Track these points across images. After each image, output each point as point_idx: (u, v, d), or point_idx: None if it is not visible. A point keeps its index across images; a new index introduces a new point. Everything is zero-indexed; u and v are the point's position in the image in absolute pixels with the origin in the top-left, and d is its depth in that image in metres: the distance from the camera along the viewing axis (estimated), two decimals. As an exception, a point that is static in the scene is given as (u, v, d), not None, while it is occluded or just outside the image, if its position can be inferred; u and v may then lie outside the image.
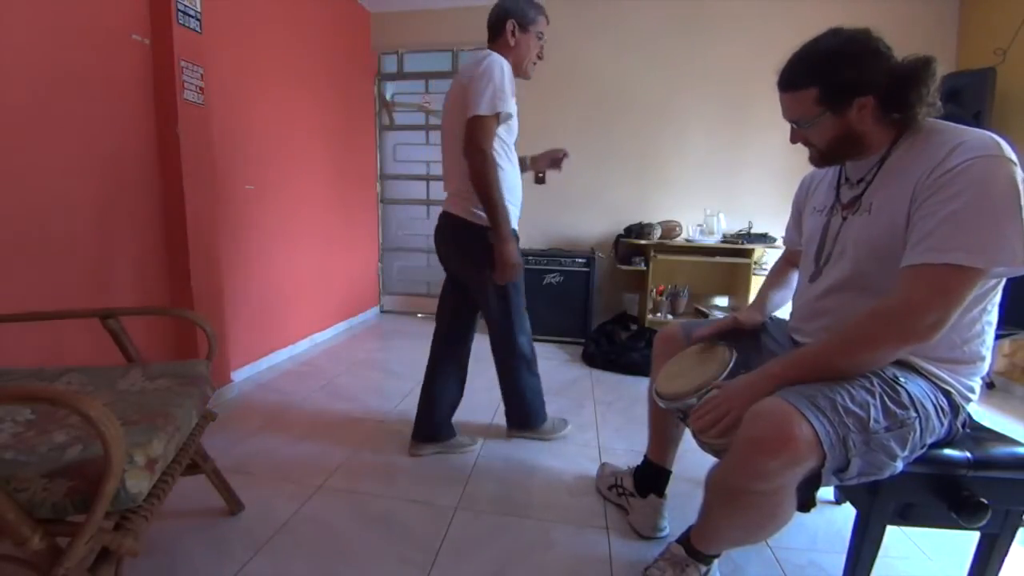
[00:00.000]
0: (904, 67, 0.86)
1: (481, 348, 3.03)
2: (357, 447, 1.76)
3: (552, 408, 2.14)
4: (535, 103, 3.44)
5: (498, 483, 1.57)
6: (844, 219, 0.99)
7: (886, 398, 0.84)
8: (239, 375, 2.35)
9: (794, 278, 1.31)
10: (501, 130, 1.49)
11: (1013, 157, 0.79)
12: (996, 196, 0.77)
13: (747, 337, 1.19)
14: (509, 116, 1.48)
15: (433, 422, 1.74)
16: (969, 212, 0.78)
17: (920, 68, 0.85)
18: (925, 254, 0.80)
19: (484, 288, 1.60)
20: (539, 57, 1.61)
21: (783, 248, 1.35)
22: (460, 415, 2.11)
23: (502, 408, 2.19)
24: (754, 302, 1.32)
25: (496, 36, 1.56)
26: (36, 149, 1.48)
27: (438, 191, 3.82)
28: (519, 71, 1.57)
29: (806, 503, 0.93)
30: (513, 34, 1.54)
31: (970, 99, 2.45)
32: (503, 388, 1.81)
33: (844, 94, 0.88)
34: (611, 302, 3.52)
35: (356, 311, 3.61)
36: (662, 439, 1.35)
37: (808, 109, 0.92)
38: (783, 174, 3.17)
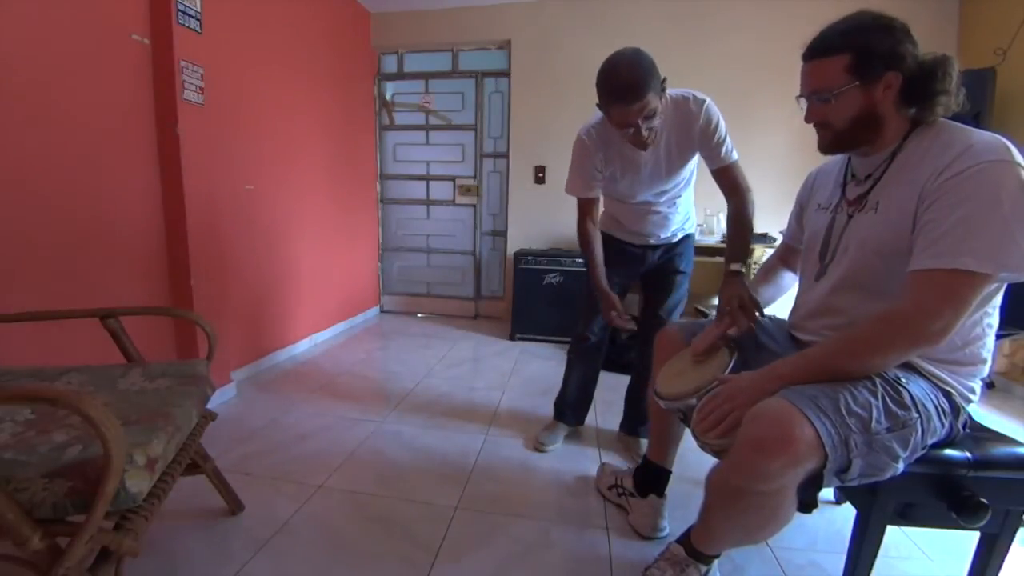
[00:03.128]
0: (927, 60, 0.87)
1: (481, 349, 3.03)
2: (357, 447, 1.76)
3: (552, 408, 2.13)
4: (534, 102, 3.44)
5: (498, 483, 1.57)
6: (850, 216, 0.99)
7: (888, 399, 0.84)
8: (239, 375, 2.35)
9: (785, 278, 1.30)
10: (604, 187, 1.57)
11: (1022, 161, 0.79)
12: (1006, 201, 0.77)
13: (746, 336, 1.19)
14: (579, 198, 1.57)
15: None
16: (979, 217, 0.77)
17: (943, 61, 0.86)
18: (934, 259, 0.80)
19: None
20: (637, 141, 1.32)
21: (782, 241, 1.32)
22: (465, 412, 2.12)
23: (502, 407, 2.21)
24: None
25: None
26: (36, 149, 1.48)
27: (438, 191, 3.83)
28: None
29: (807, 504, 0.93)
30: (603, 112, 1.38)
31: (970, 99, 2.44)
32: None
33: (876, 64, 0.87)
34: (611, 302, 3.51)
35: (356, 311, 3.61)
36: (662, 439, 1.35)
37: (836, 77, 0.89)
38: (783, 174, 3.17)
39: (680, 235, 1.70)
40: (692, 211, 1.73)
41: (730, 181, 1.45)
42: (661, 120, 1.34)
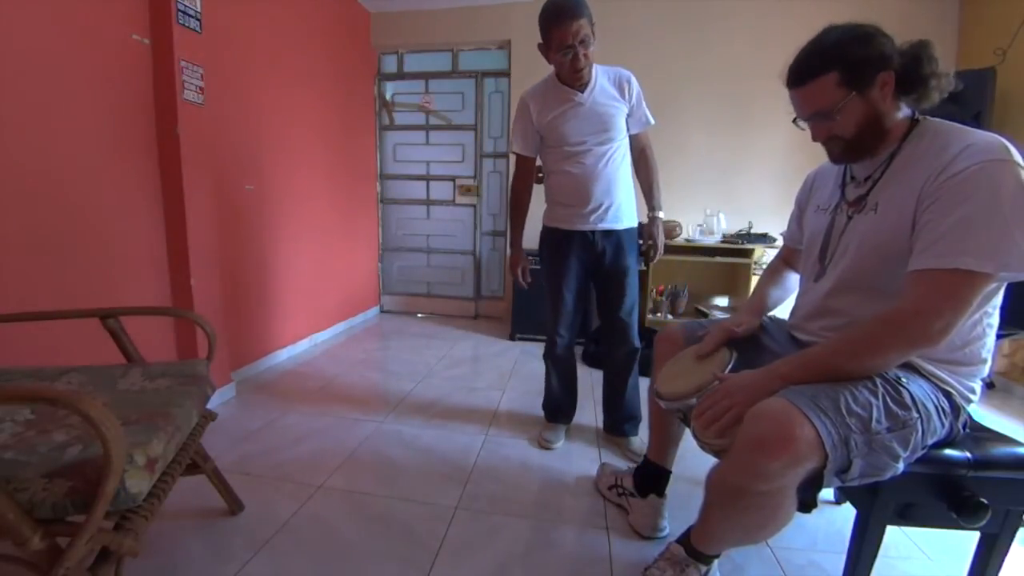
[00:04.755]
0: (907, 49, 0.88)
1: (481, 349, 3.03)
2: (357, 447, 1.76)
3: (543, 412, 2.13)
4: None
5: (498, 483, 1.57)
6: (849, 218, 0.99)
7: (888, 399, 0.84)
8: (239, 375, 2.35)
9: (790, 279, 1.30)
10: (547, 147, 1.71)
11: (1020, 160, 0.79)
12: (1004, 200, 0.77)
13: (747, 337, 1.19)
14: (514, 153, 1.75)
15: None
16: (978, 217, 0.78)
17: (922, 46, 0.87)
18: (934, 259, 0.80)
19: None
20: (575, 67, 1.51)
21: (782, 245, 1.32)
22: (465, 413, 2.12)
23: (502, 407, 2.21)
24: (750, 303, 1.26)
25: None
26: (36, 149, 1.48)
27: (438, 191, 3.83)
28: (565, 83, 1.61)
29: (807, 504, 0.92)
30: (543, 54, 1.58)
31: (970, 99, 2.45)
32: None
33: (866, 71, 0.87)
34: (611, 302, 3.51)
35: (356, 311, 3.61)
36: (662, 439, 1.35)
37: (832, 96, 0.90)
38: (783, 174, 3.17)
39: (626, 222, 1.73)
40: (634, 200, 1.77)
41: (643, 142, 1.77)
42: (595, 71, 1.60)
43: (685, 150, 3.30)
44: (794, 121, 1.00)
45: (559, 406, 1.90)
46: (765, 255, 3.12)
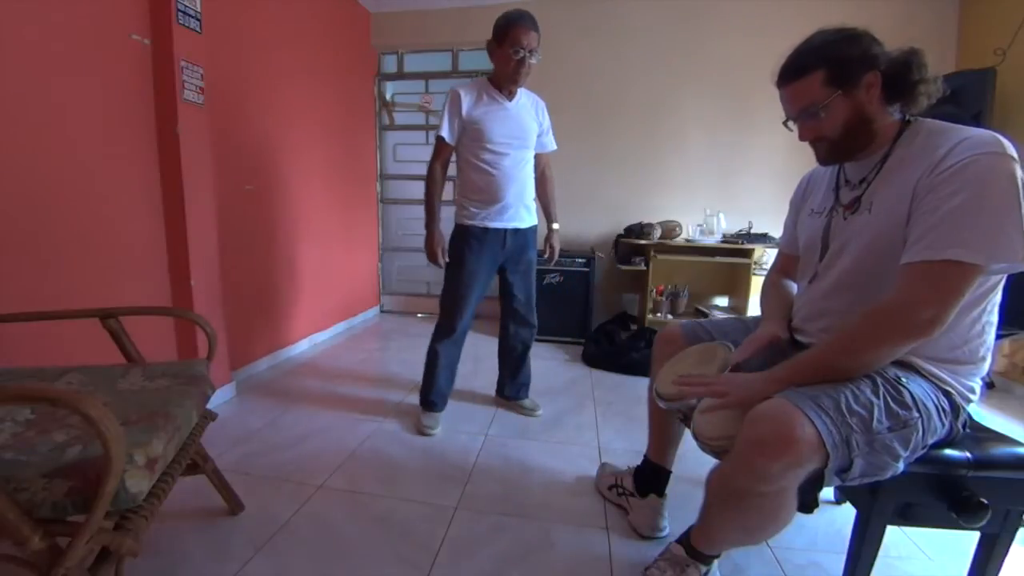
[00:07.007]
0: (897, 56, 0.89)
1: (481, 349, 3.03)
2: (357, 447, 1.76)
3: (552, 408, 2.14)
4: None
5: (498, 483, 1.57)
6: (844, 219, 0.99)
7: (889, 398, 0.84)
8: (239, 375, 2.35)
9: (791, 288, 1.27)
10: (470, 141, 1.78)
11: (1014, 154, 0.79)
12: (997, 192, 0.77)
13: (746, 338, 1.18)
14: (440, 137, 1.78)
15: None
16: (969, 208, 0.78)
17: (912, 53, 0.88)
18: (924, 251, 0.80)
19: None
20: (519, 70, 1.68)
21: (779, 252, 1.31)
22: (465, 412, 2.12)
23: (502, 407, 2.21)
24: (771, 313, 1.18)
25: None
26: (36, 149, 1.48)
27: (438, 191, 3.82)
28: (500, 84, 1.76)
29: (808, 504, 0.93)
30: (491, 52, 1.72)
31: (970, 99, 2.45)
32: None
33: (852, 70, 0.88)
34: (611, 302, 3.52)
35: (356, 311, 3.61)
36: (662, 439, 1.35)
37: (817, 94, 0.91)
38: (783, 174, 3.17)
39: (530, 221, 1.94)
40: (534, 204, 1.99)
41: (545, 162, 2.04)
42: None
43: (685, 150, 3.30)
44: (784, 123, 1.01)
45: (441, 393, 1.97)
46: (765, 255, 3.12)
